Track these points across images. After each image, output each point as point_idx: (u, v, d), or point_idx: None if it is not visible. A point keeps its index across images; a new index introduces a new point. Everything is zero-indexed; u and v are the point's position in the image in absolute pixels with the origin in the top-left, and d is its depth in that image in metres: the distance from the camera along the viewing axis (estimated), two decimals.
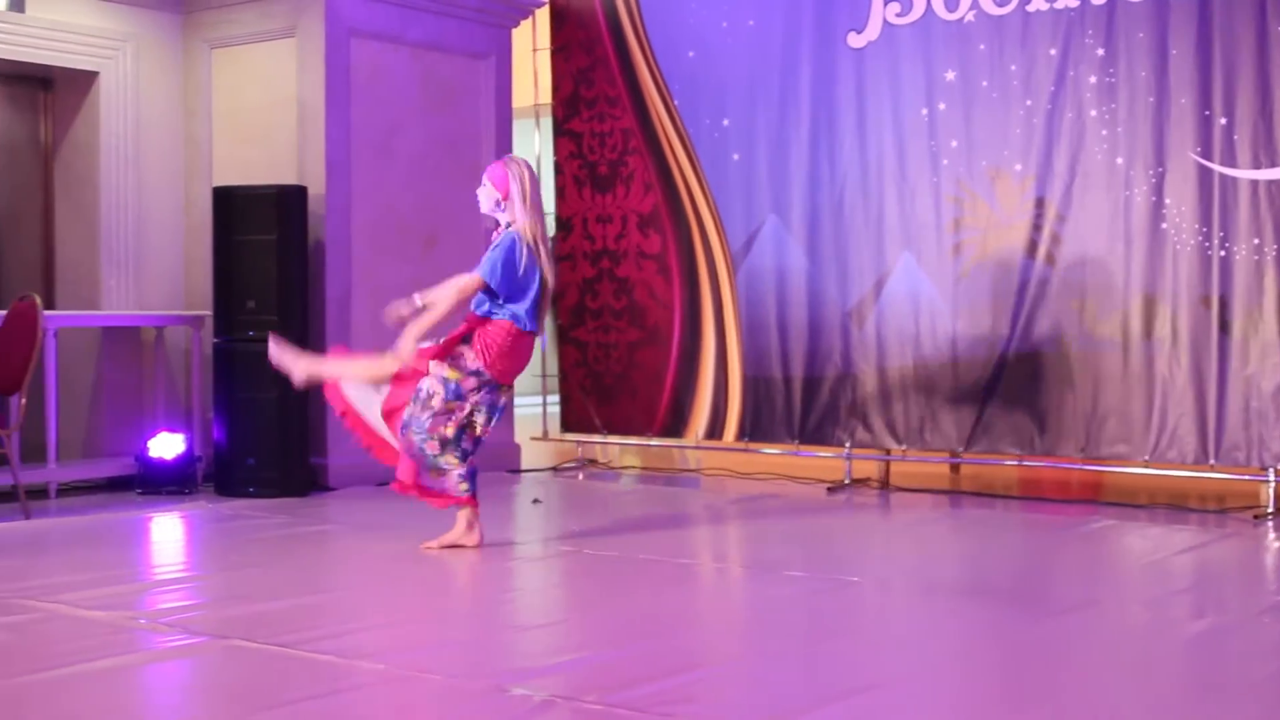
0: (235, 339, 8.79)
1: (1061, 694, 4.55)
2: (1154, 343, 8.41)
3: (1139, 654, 5.08)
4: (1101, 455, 8.62)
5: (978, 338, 8.93)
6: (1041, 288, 8.73)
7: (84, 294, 9.37)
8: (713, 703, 4.40)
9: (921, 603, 6.03)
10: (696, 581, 6.52)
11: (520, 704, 4.31)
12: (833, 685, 4.61)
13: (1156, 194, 8.38)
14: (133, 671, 4.82)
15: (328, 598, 6.08)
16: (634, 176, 10.20)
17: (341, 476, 9.10)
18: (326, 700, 4.38)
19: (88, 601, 5.70)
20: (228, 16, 9.48)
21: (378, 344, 9.27)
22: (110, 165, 9.33)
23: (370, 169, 9.35)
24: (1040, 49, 8.73)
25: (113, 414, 9.29)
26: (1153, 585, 6.30)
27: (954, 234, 9.03)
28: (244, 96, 9.47)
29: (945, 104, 9.03)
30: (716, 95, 9.90)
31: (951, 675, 4.81)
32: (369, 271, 9.33)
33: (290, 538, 7.39)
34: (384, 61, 9.45)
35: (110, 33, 9.29)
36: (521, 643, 5.35)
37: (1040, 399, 8.74)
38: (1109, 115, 8.52)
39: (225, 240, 8.85)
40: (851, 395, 9.36)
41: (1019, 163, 8.80)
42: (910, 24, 9.17)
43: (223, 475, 8.81)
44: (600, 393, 10.39)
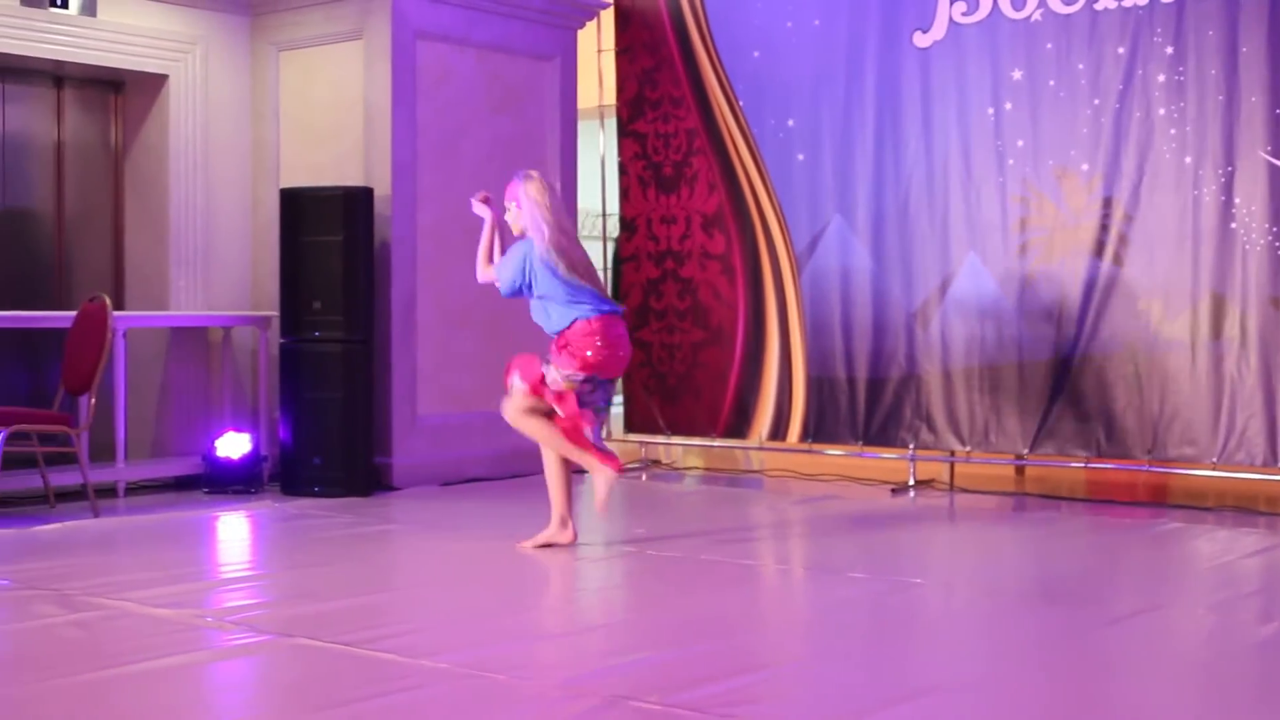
0: (301, 339, 8.85)
1: (1126, 699, 4.52)
2: (1223, 343, 8.33)
3: (1205, 658, 5.03)
4: (1169, 457, 8.54)
5: (1043, 338, 8.87)
6: (1108, 288, 8.67)
7: (153, 295, 9.45)
8: (775, 704, 4.39)
9: (985, 605, 6.00)
10: (759, 582, 6.51)
11: (582, 704, 4.32)
12: (895, 687, 4.59)
13: (1226, 193, 8.30)
14: (198, 669, 4.86)
15: (391, 597, 6.11)
16: (698, 177, 10.19)
17: (406, 476, 9.14)
18: (389, 699, 4.40)
19: (155, 599, 5.75)
20: (295, 19, 9.54)
21: (440, 344, 9.35)
22: (179, 167, 9.41)
23: (436, 170, 9.38)
24: (1108, 48, 8.66)
25: (180, 414, 9.36)
26: (1220, 589, 6.24)
27: (1020, 234, 8.97)
28: (311, 98, 9.53)
29: (1012, 103, 8.98)
30: (781, 95, 9.87)
31: (1015, 679, 4.78)
32: (434, 272, 9.36)
33: (354, 537, 7.43)
34: (450, 63, 9.48)
35: (179, 36, 9.36)
36: (584, 643, 5.35)
37: (1106, 400, 8.67)
38: (1177, 114, 8.45)
39: (292, 241, 8.91)
40: (916, 396, 9.32)
41: (1086, 162, 8.74)
42: (976, 23, 9.12)
43: (288, 475, 8.86)
44: (664, 393, 10.39)
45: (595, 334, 6.77)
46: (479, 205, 7.25)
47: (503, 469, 9.64)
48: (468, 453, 9.52)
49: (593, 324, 6.78)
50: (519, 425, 6.96)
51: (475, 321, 9.59)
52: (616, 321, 6.90)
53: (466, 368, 9.56)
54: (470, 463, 9.51)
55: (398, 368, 9.14)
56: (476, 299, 9.58)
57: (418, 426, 9.26)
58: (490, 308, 9.63)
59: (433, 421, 9.35)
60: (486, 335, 9.65)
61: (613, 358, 6.85)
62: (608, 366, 6.85)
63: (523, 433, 6.98)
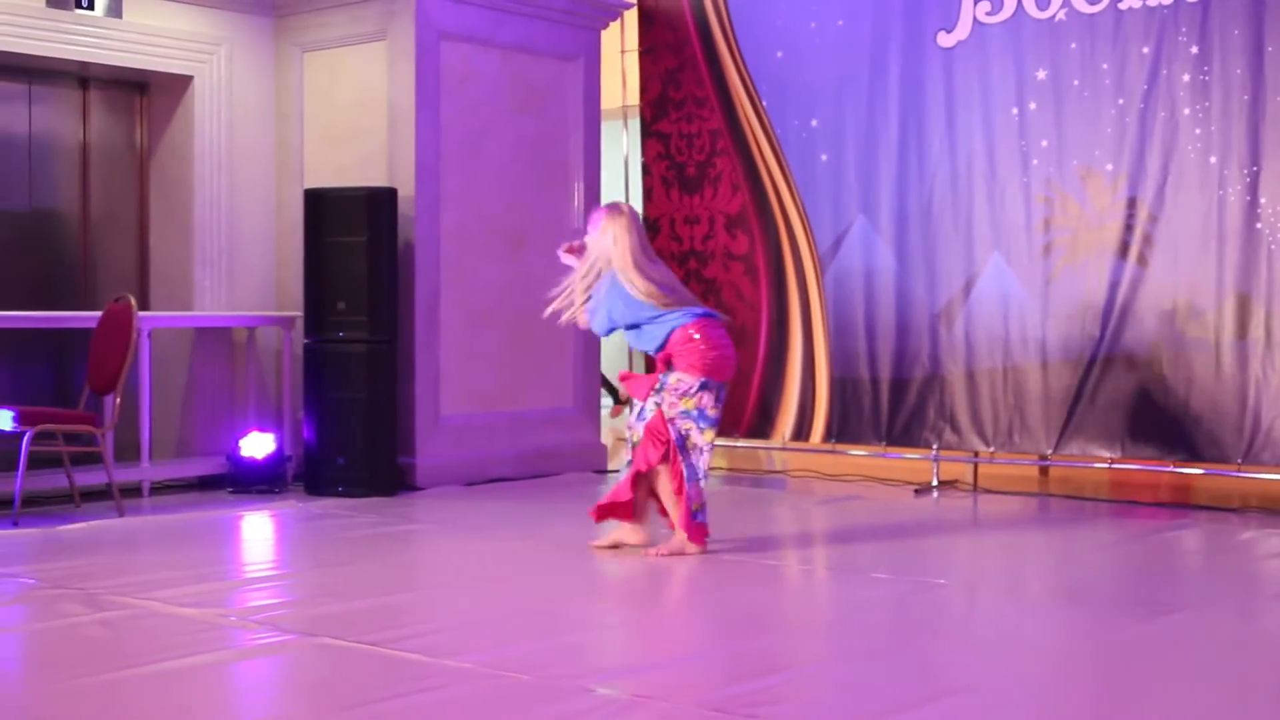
0: (325, 339, 8.87)
1: (1150, 701, 4.51)
2: (1248, 344, 8.30)
3: (1230, 660, 5.02)
4: (1193, 458, 8.52)
5: (1068, 339, 8.85)
6: (1133, 289, 8.65)
7: (177, 295, 9.49)
8: (799, 704, 4.39)
9: (1008, 606, 5.99)
10: (783, 583, 6.50)
11: (607, 704, 4.32)
12: (919, 688, 4.59)
13: (1251, 193, 8.28)
14: (223, 668, 4.88)
15: (414, 597, 6.12)
16: (721, 177, 10.19)
17: (429, 476, 9.16)
18: (413, 699, 4.41)
19: (179, 599, 5.77)
20: (319, 20, 9.56)
21: (464, 345, 9.36)
22: (204, 168, 9.44)
23: (460, 171, 9.40)
24: (1133, 47, 8.64)
25: (204, 413, 9.39)
26: (1245, 590, 6.21)
27: (1044, 234, 8.95)
28: (335, 99, 9.55)
29: (1036, 103, 8.96)
30: (805, 96, 9.87)
31: (1038, 680, 4.77)
32: (458, 272, 9.38)
33: (378, 537, 7.45)
34: (474, 64, 9.49)
35: (204, 37, 9.39)
36: (608, 643, 5.36)
37: (1131, 401, 8.65)
38: (1202, 114, 8.42)
39: (316, 242, 8.93)
40: (939, 397, 9.31)
41: (1110, 162, 8.71)
42: (1001, 23, 9.10)
43: (312, 474, 8.88)
44: None
45: (697, 335, 6.74)
46: (567, 257, 7.17)
47: (526, 469, 9.66)
48: (491, 453, 9.54)
49: (689, 328, 6.75)
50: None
51: (499, 322, 9.60)
52: (715, 323, 6.87)
53: (490, 368, 9.57)
54: (493, 463, 9.52)
55: (421, 368, 9.15)
56: (500, 299, 9.61)
57: (441, 426, 9.28)
58: (514, 308, 9.66)
59: (456, 421, 9.37)
60: (510, 335, 9.66)
61: (721, 357, 6.80)
62: (719, 368, 6.79)
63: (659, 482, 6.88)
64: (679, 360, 6.73)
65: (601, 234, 6.86)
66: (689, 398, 6.72)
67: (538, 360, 9.87)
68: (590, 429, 10.23)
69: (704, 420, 6.75)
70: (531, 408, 9.84)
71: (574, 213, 10.07)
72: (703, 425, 6.74)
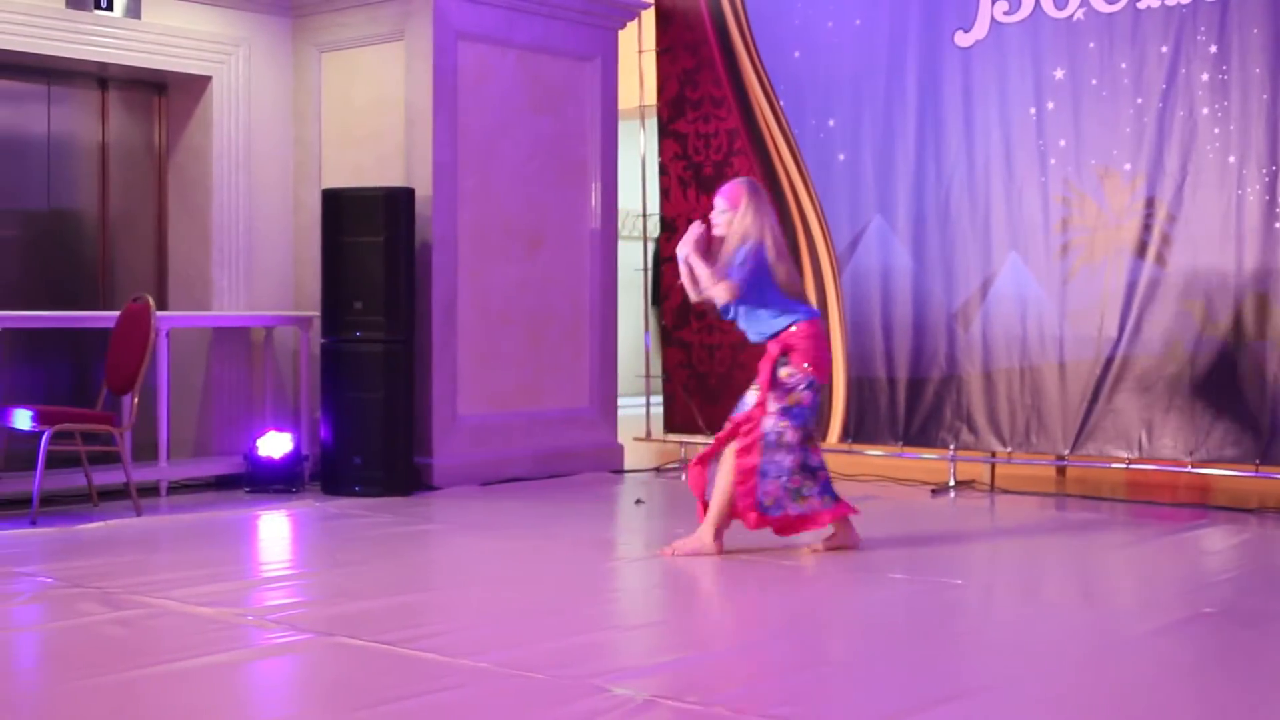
0: (343, 339, 8.88)
1: (1167, 702, 4.50)
2: (1267, 344, 8.28)
3: (1246, 661, 5.00)
4: (1211, 459, 8.49)
5: (1085, 339, 8.84)
6: (1151, 289, 8.63)
7: (195, 295, 9.51)
8: (814, 705, 4.39)
9: (1025, 607, 5.98)
10: (798, 583, 6.50)
11: (622, 704, 4.32)
12: (934, 689, 4.58)
13: (1270, 193, 8.25)
14: (239, 667, 4.89)
15: (431, 596, 6.13)
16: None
17: (446, 476, 9.17)
18: (429, 698, 4.42)
19: (196, 598, 5.78)
20: (337, 20, 9.58)
21: (480, 345, 9.36)
22: (222, 168, 9.45)
23: (477, 171, 9.41)
24: (1151, 46, 8.62)
25: (222, 413, 9.41)
26: (1262, 592, 6.19)
27: (1062, 234, 8.94)
28: (352, 99, 9.57)
29: (1054, 103, 8.95)
30: (822, 95, 9.86)
31: (1055, 681, 4.76)
32: (475, 272, 9.38)
33: (395, 536, 7.46)
34: (491, 64, 9.50)
35: (223, 37, 9.41)
36: (623, 642, 5.36)
37: (1149, 401, 8.63)
38: (1221, 113, 8.40)
39: (333, 242, 8.94)
40: (956, 397, 9.30)
41: (1129, 162, 8.70)
42: (1018, 22, 9.09)
43: (329, 474, 8.90)
44: (704, 393, 10.38)
45: (817, 335, 6.80)
46: (689, 249, 7.02)
47: (543, 469, 9.67)
48: (508, 453, 9.54)
49: (815, 322, 6.83)
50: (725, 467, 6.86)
51: (515, 321, 9.61)
52: (824, 327, 6.99)
53: (507, 368, 9.58)
54: (510, 463, 9.53)
55: (438, 368, 9.16)
56: (517, 299, 9.61)
57: (458, 426, 9.29)
58: (530, 308, 9.67)
59: (473, 421, 9.38)
60: (526, 335, 9.67)
61: (828, 360, 6.92)
62: (825, 368, 6.87)
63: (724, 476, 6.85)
64: (797, 354, 6.73)
65: (745, 211, 6.80)
66: (794, 393, 6.73)
67: (555, 360, 9.88)
68: (607, 429, 10.23)
69: (797, 419, 6.74)
70: (548, 408, 9.85)
71: (591, 212, 10.08)
72: (795, 424, 6.74)
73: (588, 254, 10.08)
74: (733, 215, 6.81)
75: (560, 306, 9.92)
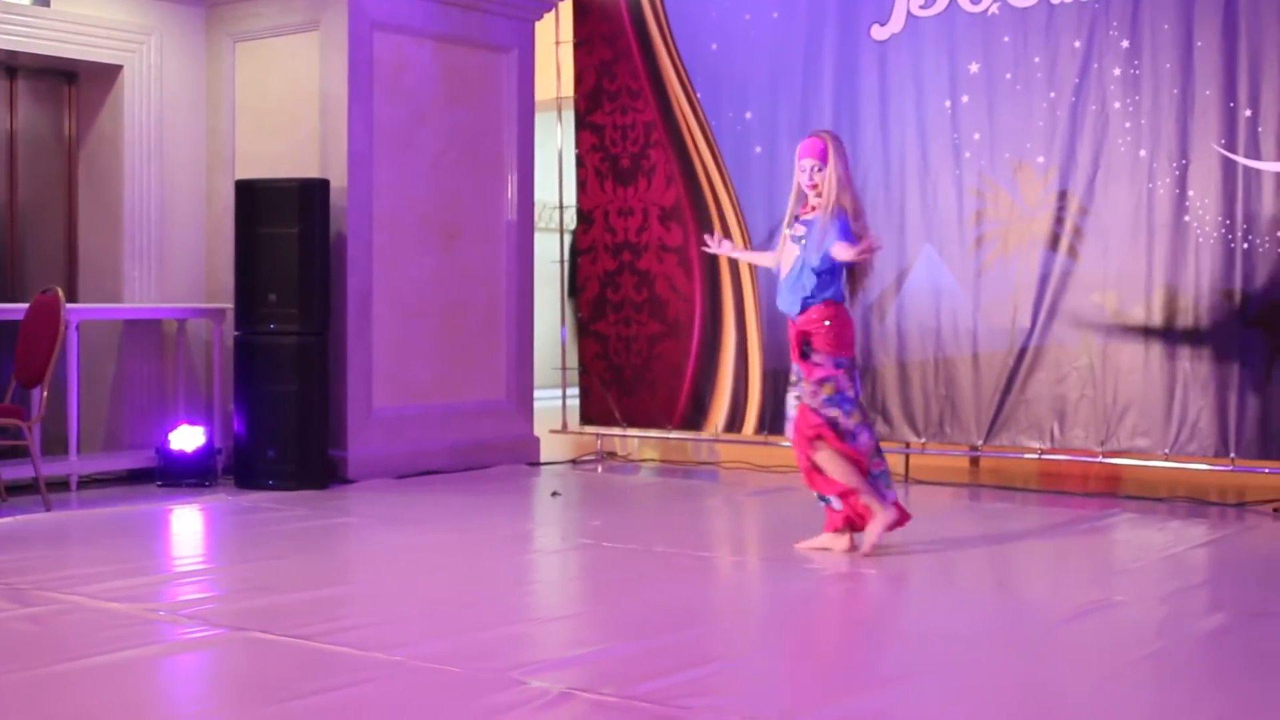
0: (256, 332, 8.81)
1: (1077, 688, 4.55)
2: (1176, 335, 8.38)
3: (1156, 648, 5.06)
4: (1122, 449, 8.59)
5: (999, 330, 8.91)
6: (1063, 280, 8.71)
7: (106, 287, 9.40)
8: (730, 695, 4.40)
9: (939, 597, 6.03)
10: (714, 575, 6.51)
11: (538, 696, 4.31)
12: (850, 678, 4.61)
13: (1180, 186, 8.35)
14: (151, 663, 4.84)
15: (346, 590, 6.09)
16: (656, 169, 10.19)
17: (361, 469, 9.12)
18: (344, 692, 4.39)
19: (107, 593, 5.72)
20: (251, 10, 9.49)
21: (396, 337, 9.32)
22: (133, 158, 9.35)
23: (392, 162, 9.35)
24: (1064, 41, 8.70)
25: (133, 406, 9.31)
26: (1171, 579, 6.27)
27: (976, 227, 9.00)
28: (267, 90, 9.48)
29: (968, 96, 9.01)
30: (739, 88, 9.88)
31: (967, 670, 4.80)
32: (390, 264, 9.33)
33: (309, 530, 7.41)
34: (407, 54, 9.45)
35: (134, 26, 9.30)
36: (540, 635, 5.35)
37: (1060, 392, 8.72)
38: (1133, 107, 8.49)
39: (247, 233, 8.87)
40: (871, 388, 9.35)
41: (1042, 155, 8.77)
42: (934, 16, 9.14)
43: (242, 468, 8.82)
44: (620, 385, 10.39)
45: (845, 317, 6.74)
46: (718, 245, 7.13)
47: (459, 461, 9.63)
48: (423, 445, 9.50)
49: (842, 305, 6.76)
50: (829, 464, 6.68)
51: (431, 314, 9.57)
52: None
53: (422, 360, 9.54)
54: (426, 455, 9.49)
55: (353, 360, 9.11)
56: (433, 291, 9.57)
57: (373, 419, 9.24)
58: (446, 300, 9.64)
59: (388, 414, 9.33)
60: (443, 328, 9.63)
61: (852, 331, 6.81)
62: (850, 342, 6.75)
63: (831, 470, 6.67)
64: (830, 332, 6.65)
65: (834, 167, 6.72)
66: (827, 383, 6.63)
67: (471, 353, 9.84)
68: (523, 421, 10.21)
69: (846, 404, 6.64)
70: (464, 400, 9.81)
71: (507, 204, 10.05)
72: (848, 409, 6.64)
73: (504, 246, 10.05)
74: (824, 168, 6.71)
75: (477, 298, 9.89)
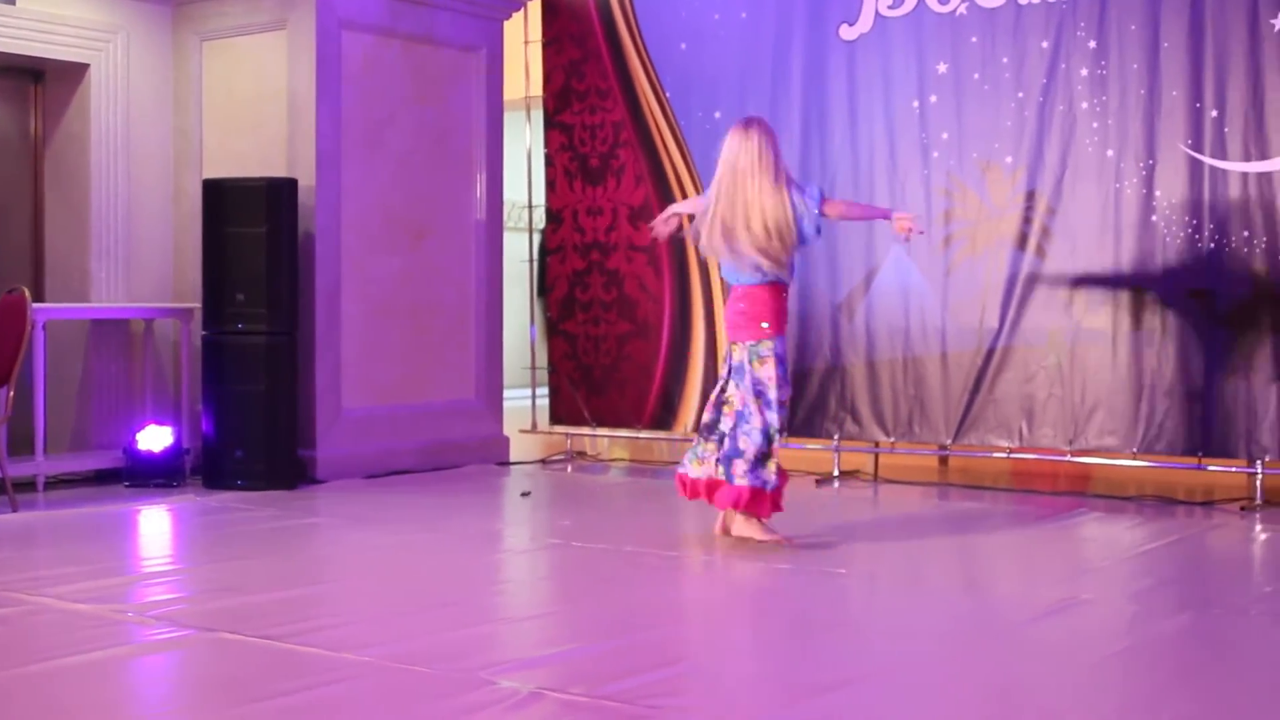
0: (224, 331, 8.78)
1: (1046, 687, 4.56)
2: (1143, 335, 8.42)
3: (1124, 646, 5.07)
4: (1090, 447, 8.63)
5: (967, 330, 8.94)
6: (1031, 280, 8.74)
7: (73, 286, 9.35)
8: (700, 695, 4.40)
9: (908, 595, 6.04)
10: (684, 574, 6.51)
11: (508, 696, 4.31)
12: (819, 677, 4.61)
13: (1147, 186, 8.39)
14: (119, 664, 4.82)
15: (315, 590, 6.07)
16: (625, 169, 10.19)
17: (330, 469, 9.09)
18: (313, 693, 4.38)
19: (75, 595, 5.69)
20: (218, 8, 9.46)
21: (365, 337, 9.30)
22: (100, 157, 9.31)
23: (360, 161, 9.33)
24: (1032, 41, 8.73)
25: (101, 406, 9.27)
26: (1139, 578, 6.30)
27: (944, 226, 9.03)
28: (234, 89, 9.45)
29: (936, 96, 9.03)
30: (708, 87, 9.89)
31: (938, 669, 4.81)
32: (358, 263, 9.31)
33: (278, 530, 7.38)
34: (375, 53, 9.43)
35: (101, 24, 9.26)
36: (509, 635, 5.35)
37: (1029, 391, 8.74)
38: (1100, 108, 8.53)
39: (215, 232, 8.83)
40: (841, 388, 9.37)
41: (1010, 155, 8.80)
42: (902, 16, 9.16)
43: (211, 468, 8.79)
44: (589, 385, 10.38)
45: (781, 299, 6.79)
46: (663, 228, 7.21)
47: (428, 461, 9.62)
48: (393, 445, 9.48)
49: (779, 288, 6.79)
50: None
51: (400, 313, 9.55)
52: None
53: (391, 360, 9.52)
54: (395, 455, 9.47)
55: (321, 360, 9.08)
56: (401, 291, 9.55)
57: (342, 419, 9.21)
58: (415, 300, 9.62)
59: (357, 414, 9.30)
60: (411, 327, 9.61)
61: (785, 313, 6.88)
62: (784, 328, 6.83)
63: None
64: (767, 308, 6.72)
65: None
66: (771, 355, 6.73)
67: (440, 352, 9.83)
68: (493, 421, 10.20)
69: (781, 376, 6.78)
70: (433, 400, 9.80)
71: (476, 204, 10.04)
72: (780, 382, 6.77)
73: (473, 245, 10.04)
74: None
75: (445, 298, 9.87)
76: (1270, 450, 8.08)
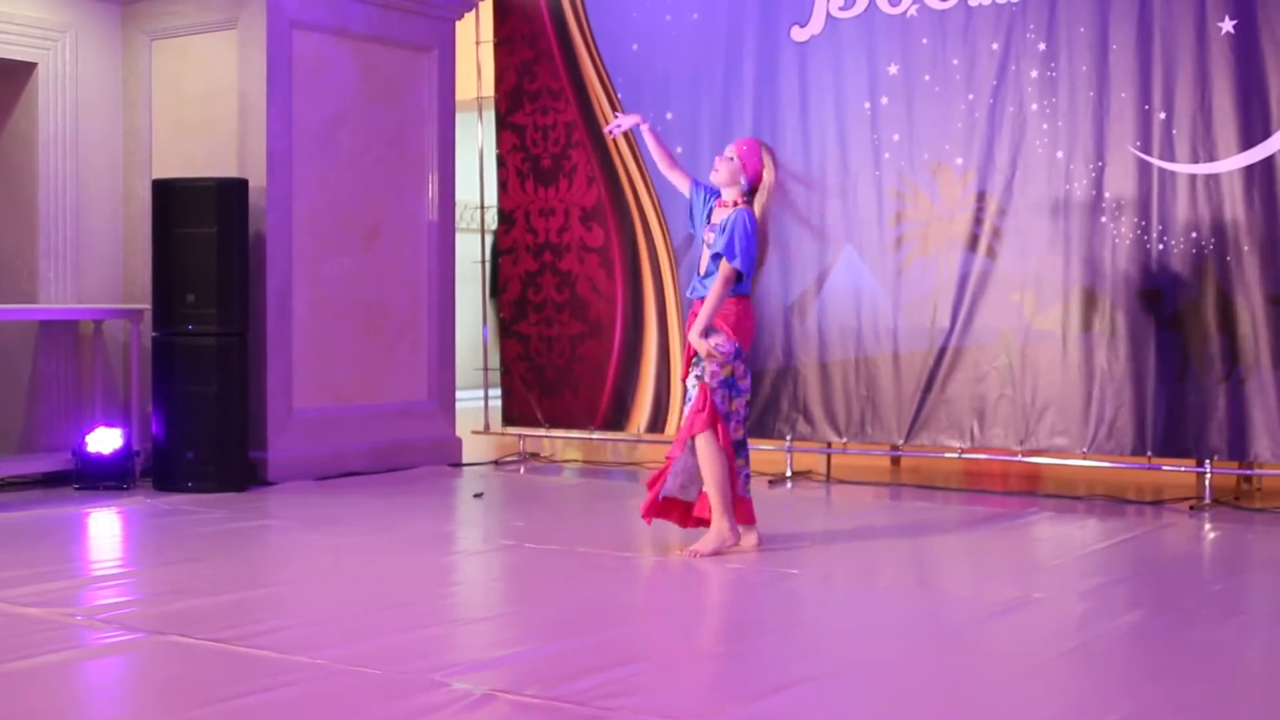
0: (174, 332, 8.73)
1: (997, 685, 4.58)
2: (1093, 335, 8.47)
3: (1075, 645, 5.10)
4: (1041, 447, 8.68)
5: (919, 330, 8.97)
6: (982, 281, 8.78)
7: (21, 287, 9.28)
8: (654, 695, 4.40)
9: (861, 596, 6.06)
10: (637, 574, 6.51)
11: (461, 698, 4.30)
12: (772, 677, 4.62)
13: (1096, 188, 8.44)
14: (69, 668, 4.78)
15: (266, 593, 6.05)
16: (577, 170, 10.18)
17: (281, 471, 9.05)
18: (264, 696, 4.36)
19: (23, 598, 5.64)
20: (168, 8, 9.40)
21: (316, 338, 9.26)
22: (48, 157, 9.23)
23: (312, 161, 9.29)
24: (982, 43, 8.77)
25: (49, 408, 9.20)
26: (1090, 576, 6.34)
27: (896, 227, 9.06)
28: (184, 88, 9.40)
29: (888, 97, 9.07)
30: (660, 88, 9.89)
31: (890, 668, 4.83)
32: (310, 264, 9.27)
33: (229, 532, 7.35)
34: (326, 53, 9.39)
35: (48, 23, 9.19)
36: (462, 637, 5.34)
37: (980, 391, 8.79)
38: (1050, 109, 8.57)
39: (165, 233, 8.78)
40: (793, 388, 9.39)
41: (960, 156, 8.84)
42: (853, 18, 9.19)
43: (161, 470, 8.74)
44: (542, 386, 10.37)
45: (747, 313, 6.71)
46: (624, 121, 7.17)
47: (380, 463, 9.59)
48: (344, 447, 9.45)
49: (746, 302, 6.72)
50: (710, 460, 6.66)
51: (352, 314, 9.52)
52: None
53: (343, 360, 9.48)
54: (346, 457, 9.44)
55: (273, 361, 9.04)
56: (353, 291, 9.52)
57: (293, 420, 9.17)
58: (367, 300, 9.59)
59: (308, 415, 9.27)
60: (363, 328, 9.58)
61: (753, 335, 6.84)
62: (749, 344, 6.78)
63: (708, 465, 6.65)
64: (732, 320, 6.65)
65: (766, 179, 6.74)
66: (728, 365, 6.65)
67: (392, 353, 9.80)
68: (445, 422, 10.18)
69: (735, 390, 6.70)
70: (385, 401, 9.77)
71: (428, 204, 10.01)
72: (734, 395, 6.70)
73: (425, 246, 10.01)
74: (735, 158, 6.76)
75: (398, 299, 9.84)
76: (1219, 450, 8.15)
